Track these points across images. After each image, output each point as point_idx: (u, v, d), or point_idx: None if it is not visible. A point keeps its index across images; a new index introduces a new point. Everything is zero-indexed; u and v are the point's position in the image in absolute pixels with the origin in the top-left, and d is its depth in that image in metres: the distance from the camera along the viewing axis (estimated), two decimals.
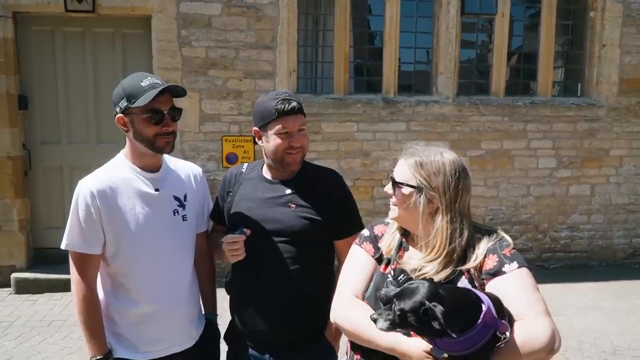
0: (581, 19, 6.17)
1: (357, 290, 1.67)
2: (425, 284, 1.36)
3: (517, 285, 1.49)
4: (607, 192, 6.24)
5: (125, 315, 1.98)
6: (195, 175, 2.16)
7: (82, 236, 1.91)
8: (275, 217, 2.03)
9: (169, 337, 2.03)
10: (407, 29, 5.88)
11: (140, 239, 1.94)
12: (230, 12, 5.45)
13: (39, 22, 5.45)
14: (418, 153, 1.63)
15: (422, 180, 1.58)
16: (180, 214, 2.04)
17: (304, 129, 2.04)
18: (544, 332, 1.39)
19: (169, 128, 1.91)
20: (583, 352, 4.23)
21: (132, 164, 1.99)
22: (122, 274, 1.96)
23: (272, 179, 2.12)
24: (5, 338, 4.37)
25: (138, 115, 1.88)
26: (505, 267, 1.52)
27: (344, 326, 1.63)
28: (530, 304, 1.45)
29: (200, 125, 5.53)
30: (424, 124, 5.83)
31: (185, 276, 2.08)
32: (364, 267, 1.71)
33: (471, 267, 1.53)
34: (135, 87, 1.88)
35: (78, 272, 1.93)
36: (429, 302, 1.30)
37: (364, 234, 1.80)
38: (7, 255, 5.48)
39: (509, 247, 1.58)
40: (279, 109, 1.95)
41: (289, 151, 2.00)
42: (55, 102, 5.55)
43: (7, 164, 5.39)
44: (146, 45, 5.49)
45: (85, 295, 1.92)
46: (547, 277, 5.84)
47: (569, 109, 6.07)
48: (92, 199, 1.89)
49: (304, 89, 5.83)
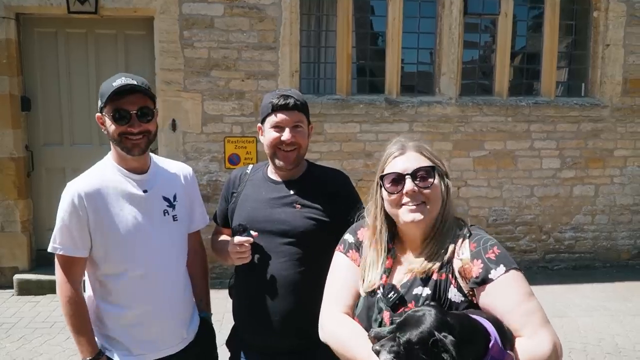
0: (584, 19, 6.15)
1: (346, 306, 1.58)
2: (432, 311, 1.26)
3: (508, 295, 1.38)
4: (611, 193, 6.22)
5: (117, 318, 1.96)
6: (185, 175, 2.15)
7: (69, 239, 1.90)
8: (280, 217, 2.00)
9: (163, 339, 2.01)
10: (409, 29, 5.87)
11: (129, 240, 1.93)
12: (232, 13, 5.44)
13: (42, 23, 5.46)
14: (407, 141, 1.57)
15: (437, 161, 1.53)
16: (171, 214, 2.03)
17: (300, 127, 2.01)
18: (546, 349, 1.33)
19: (133, 129, 1.88)
20: (587, 353, 4.20)
21: (119, 165, 1.98)
22: (112, 276, 1.94)
23: (277, 180, 2.09)
24: (7, 339, 4.37)
25: (107, 115, 1.90)
26: (491, 273, 1.40)
27: (336, 348, 1.53)
28: (527, 317, 1.37)
29: (202, 126, 5.53)
30: (427, 124, 5.82)
31: (178, 276, 2.07)
32: (352, 279, 1.61)
33: (457, 274, 1.45)
34: (107, 86, 1.89)
35: (64, 273, 1.92)
36: (438, 332, 1.20)
37: (347, 240, 1.69)
38: (10, 257, 5.48)
39: (493, 247, 1.45)
40: (274, 103, 1.98)
41: (280, 146, 1.99)
42: (58, 103, 5.56)
43: (10, 165, 5.39)
44: (149, 47, 5.49)
45: (71, 296, 1.91)
46: (551, 278, 5.83)
47: (573, 109, 6.04)
48: (79, 200, 1.89)
49: (306, 90, 5.82)
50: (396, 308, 1.47)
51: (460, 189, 5.89)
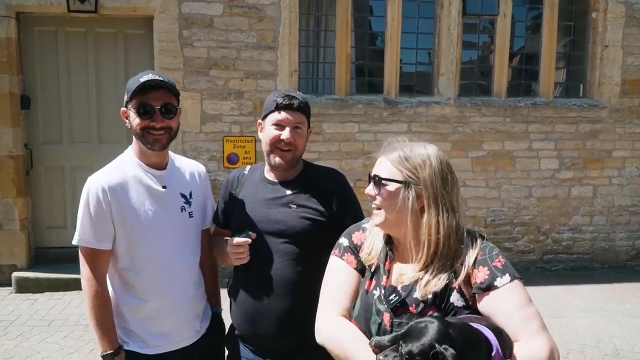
0: (583, 20, 6.16)
1: (344, 309, 1.56)
2: (435, 323, 1.27)
3: (510, 302, 1.42)
4: (609, 194, 6.23)
5: (135, 311, 2.00)
6: (199, 173, 2.20)
7: (93, 232, 1.92)
8: (277, 218, 2.02)
9: (178, 332, 2.05)
10: (408, 29, 5.88)
11: (150, 234, 1.96)
12: (231, 13, 5.45)
13: (42, 22, 5.46)
14: (400, 147, 1.54)
15: (408, 174, 1.49)
16: (187, 210, 2.08)
17: (300, 129, 2.04)
18: (543, 354, 1.35)
19: (156, 123, 1.92)
20: (586, 354, 4.21)
21: (139, 160, 2.02)
22: (132, 269, 1.98)
23: (273, 180, 2.11)
24: (5, 337, 4.37)
25: (132, 109, 1.94)
26: (497, 280, 1.44)
27: (334, 351, 1.52)
28: (526, 322, 1.39)
29: (201, 125, 5.54)
30: (426, 125, 5.83)
31: (192, 272, 2.11)
32: (348, 282, 1.60)
33: (461, 280, 1.46)
34: (134, 81, 1.93)
35: (89, 268, 1.94)
36: (439, 344, 1.21)
37: (342, 244, 1.68)
38: (9, 255, 5.49)
39: (499, 256, 1.49)
40: (279, 102, 2.01)
41: (278, 145, 2.01)
42: (58, 102, 5.57)
43: (9, 163, 5.40)
44: (148, 46, 5.50)
45: (97, 291, 1.93)
46: (549, 279, 5.84)
47: (571, 110, 6.05)
48: (103, 194, 1.91)
49: (305, 90, 5.83)
50: (397, 310, 1.47)
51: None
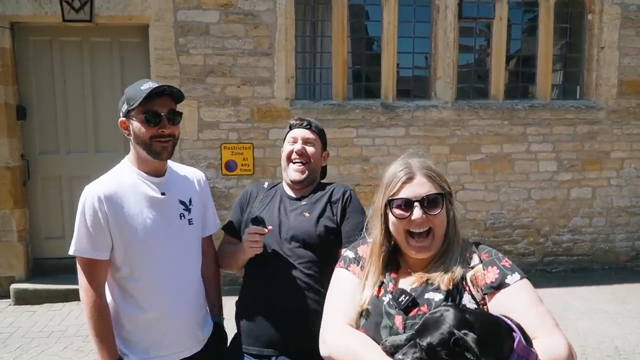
0: (579, 21, 6.17)
1: (350, 319, 1.53)
2: (450, 310, 1.23)
3: (523, 299, 1.43)
4: (608, 195, 6.22)
5: (135, 321, 1.98)
6: (199, 180, 2.20)
7: (90, 241, 1.90)
8: (291, 224, 2.15)
9: (179, 341, 2.03)
10: (404, 34, 5.88)
11: (148, 243, 1.94)
12: (227, 20, 5.45)
13: (37, 32, 5.45)
14: (413, 163, 1.57)
15: (445, 185, 1.55)
16: (187, 217, 2.06)
17: (312, 143, 2.29)
18: (563, 349, 1.35)
19: (165, 130, 1.92)
20: (587, 356, 4.19)
21: (138, 169, 2.00)
22: (131, 278, 1.96)
23: (291, 195, 2.29)
24: (4, 350, 4.33)
25: (136, 118, 1.91)
26: (508, 278, 1.45)
27: (344, 359, 1.46)
28: (540, 319, 1.40)
29: (198, 132, 5.52)
30: (423, 128, 5.82)
31: (193, 280, 2.10)
32: (354, 292, 1.58)
33: (470, 282, 1.47)
34: (135, 90, 1.92)
35: (87, 278, 1.91)
36: (458, 330, 1.18)
37: (348, 256, 1.68)
38: (6, 266, 5.45)
39: (504, 258, 1.52)
40: (292, 123, 2.38)
41: (292, 158, 2.26)
42: (54, 111, 5.54)
43: (6, 174, 5.37)
44: (144, 54, 5.49)
45: (95, 301, 1.91)
46: (549, 281, 5.82)
47: (569, 112, 6.06)
48: (99, 203, 1.89)
49: (302, 95, 5.83)
50: (408, 311, 1.46)
51: (458, 193, 5.88)
